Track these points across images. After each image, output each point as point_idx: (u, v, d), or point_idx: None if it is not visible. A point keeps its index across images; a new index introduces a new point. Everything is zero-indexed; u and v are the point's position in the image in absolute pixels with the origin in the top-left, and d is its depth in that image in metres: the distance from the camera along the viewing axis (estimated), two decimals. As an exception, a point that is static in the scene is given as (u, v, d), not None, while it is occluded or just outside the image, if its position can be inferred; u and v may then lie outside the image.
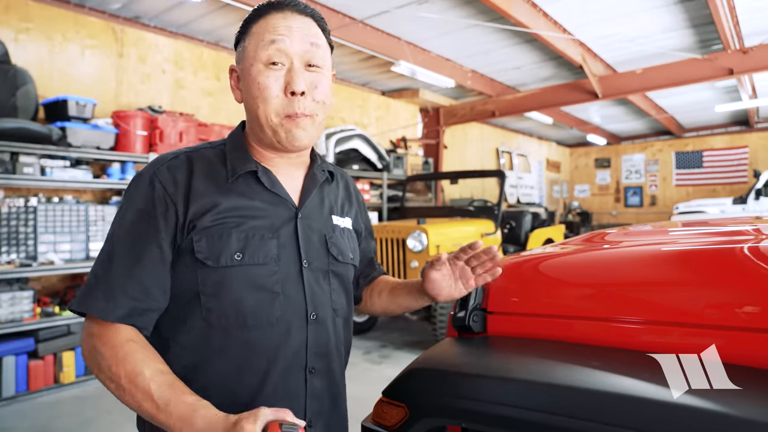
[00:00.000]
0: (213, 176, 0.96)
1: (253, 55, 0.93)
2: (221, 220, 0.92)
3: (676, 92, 8.72)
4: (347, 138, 6.58)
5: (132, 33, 5.05)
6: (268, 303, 0.92)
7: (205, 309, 0.91)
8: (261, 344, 0.91)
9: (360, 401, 1.60)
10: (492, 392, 0.87)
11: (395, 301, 1.20)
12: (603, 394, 0.77)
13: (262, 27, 0.94)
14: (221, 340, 0.91)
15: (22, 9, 4.27)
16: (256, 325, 0.91)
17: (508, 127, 11.96)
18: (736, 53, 6.17)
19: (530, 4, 5.12)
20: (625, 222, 13.81)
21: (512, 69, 7.44)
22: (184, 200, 0.91)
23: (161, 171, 0.93)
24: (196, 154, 0.98)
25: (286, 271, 0.95)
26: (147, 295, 0.88)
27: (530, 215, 6.86)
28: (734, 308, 0.89)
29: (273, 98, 0.92)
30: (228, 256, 0.90)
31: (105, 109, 4.69)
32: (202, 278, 0.90)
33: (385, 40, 5.93)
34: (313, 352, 0.96)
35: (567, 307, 1.07)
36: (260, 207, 0.96)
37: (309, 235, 1.00)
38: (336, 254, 1.03)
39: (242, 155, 0.99)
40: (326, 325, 1.00)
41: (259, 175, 0.97)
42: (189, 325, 0.92)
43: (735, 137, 12.57)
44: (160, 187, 0.91)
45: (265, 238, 0.94)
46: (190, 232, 0.91)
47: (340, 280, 1.05)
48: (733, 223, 1.55)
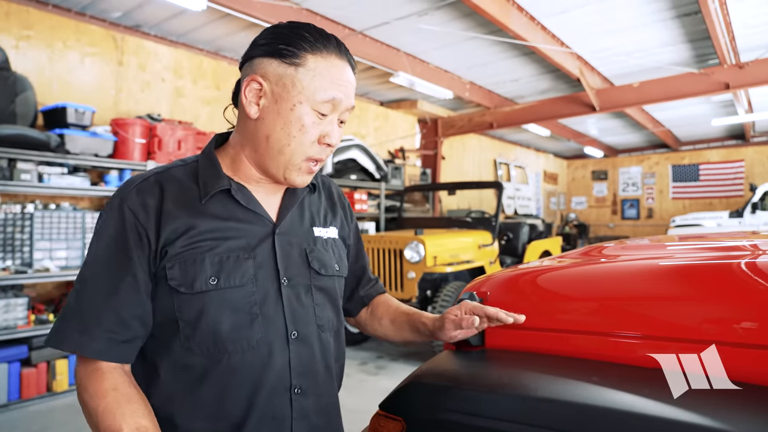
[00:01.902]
0: (185, 198, 0.92)
1: (307, 95, 0.89)
2: (194, 245, 0.89)
3: (673, 106, 8.78)
4: (345, 148, 6.59)
5: (132, 41, 5.07)
6: (246, 326, 0.90)
7: (183, 335, 0.89)
8: (243, 369, 0.89)
9: (355, 413, 1.58)
10: (490, 407, 0.86)
11: (399, 333, 1.17)
12: (601, 410, 0.76)
13: (324, 69, 0.90)
14: (203, 366, 0.89)
15: (23, 16, 4.29)
16: (236, 349, 0.89)
17: (505, 139, 12.01)
18: (732, 68, 6.23)
19: (528, 17, 5.17)
20: (622, 234, 13.84)
21: (510, 81, 7.49)
22: (156, 227, 0.89)
23: (130, 197, 0.90)
24: (166, 175, 0.94)
25: (264, 291, 0.92)
26: (125, 327, 0.86)
27: (527, 227, 6.87)
28: (732, 324, 0.89)
29: (309, 143, 0.92)
30: (202, 281, 0.88)
31: (104, 116, 4.69)
32: (178, 305, 0.88)
33: (385, 51, 5.97)
34: (297, 372, 0.94)
35: (565, 321, 1.07)
36: (235, 227, 0.93)
37: (288, 251, 0.97)
38: (318, 268, 1.01)
39: (215, 173, 0.96)
40: (310, 342, 0.97)
41: (233, 193, 0.94)
42: (171, 351, 0.90)
43: (731, 151, 12.64)
44: (130, 214, 0.88)
45: (241, 259, 0.91)
46: (163, 259, 0.88)
47: (324, 293, 1.02)
48: (730, 238, 1.56)
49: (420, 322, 1.12)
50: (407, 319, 1.15)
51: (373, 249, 5.02)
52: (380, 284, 1.28)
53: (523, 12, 5.05)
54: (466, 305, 1.04)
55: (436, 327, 1.07)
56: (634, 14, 5.17)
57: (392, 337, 1.19)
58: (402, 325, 1.16)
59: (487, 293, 1.20)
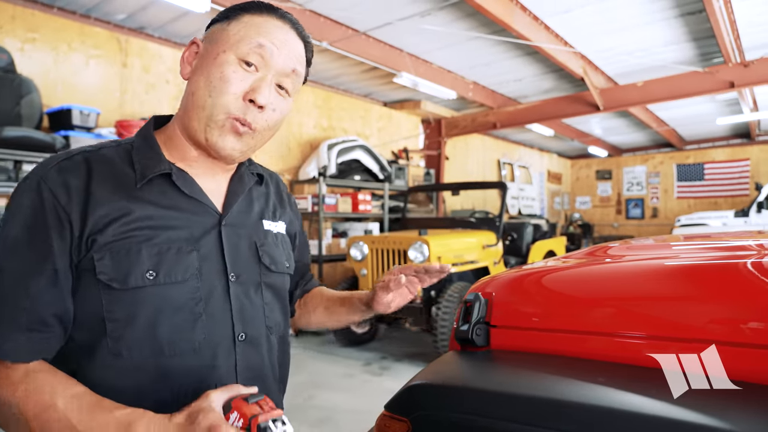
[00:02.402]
0: (117, 181, 0.81)
1: (231, 43, 0.82)
2: (128, 234, 0.78)
3: (677, 105, 8.75)
4: (349, 149, 6.60)
5: (136, 43, 5.09)
6: (188, 326, 0.80)
7: (112, 338, 0.77)
8: (181, 375, 0.79)
9: (361, 414, 1.59)
10: (495, 407, 0.86)
11: (334, 319, 1.15)
12: (608, 411, 0.76)
13: (255, 22, 0.84)
14: (133, 374, 0.78)
15: (28, 19, 4.31)
16: (175, 353, 0.79)
17: (509, 139, 12.00)
18: (737, 66, 6.20)
19: (532, 17, 5.16)
20: (627, 234, 13.80)
21: (514, 81, 7.48)
22: (81, 211, 0.77)
23: (50, 175, 0.77)
24: (95, 154, 0.83)
25: (209, 288, 0.83)
26: (42, 325, 0.74)
27: (532, 227, 6.86)
28: (738, 324, 0.88)
29: (229, 94, 0.81)
30: (138, 275, 0.77)
31: (108, 118, 4.71)
32: (108, 303, 0.77)
33: (388, 51, 5.97)
34: (244, 377, 0.86)
35: (570, 322, 1.07)
36: (176, 216, 0.83)
37: (236, 243, 0.89)
38: (268, 263, 0.93)
39: (153, 155, 0.86)
40: (259, 345, 0.89)
41: (174, 179, 0.85)
42: (95, 356, 0.78)
43: (736, 150, 12.59)
44: (49, 195, 0.76)
45: (183, 252, 0.82)
46: (90, 250, 0.77)
47: (274, 292, 0.95)
48: (736, 238, 1.55)
49: (355, 299, 1.11)
50: (341, 302, 1.13)
51: (377, 249, 5.02)
52: (315, 279, 1.25)
53: (526, 11, 5.05)
54: (393, 270, 1.05)
55: (370, 298, 1.06)
56: (638, 13, 5.16)
57: (326, 323, 1.16)
58: (335, 309, 1.14)
59: (492, 294, 1.19)
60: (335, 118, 7.40)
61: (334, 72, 6.76)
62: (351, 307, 1.11)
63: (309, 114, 6.99)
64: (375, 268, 5.02)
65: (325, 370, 4.55)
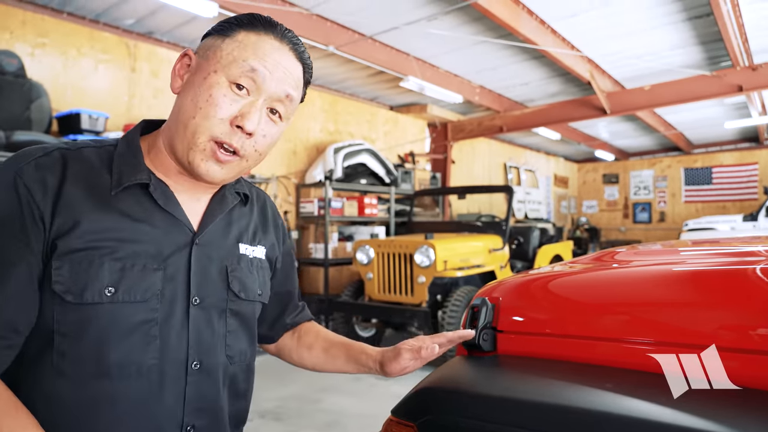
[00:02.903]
0: (91, 184, 0.77)
1: (223, 64, 0.78)
2: (92, 243, 0.73)
3: (685, 108, 8.71)
4: (355, 152, 6.61)
5: (144, 48, 5.13)
6: (139, 349, 0.75)
7: (58, 353, 0.72)
8: (126, 399, 0.75)
9: (367, 418, 1.59)
10: (503, 413, 0.86)
11: (331, 363, 1.07)
12: (616, 417, 0.76)
13: (251, 42, 0.80)
14: (73, 394, 0.73)
15: (38, 24, 4.36)
16: (121, 375, 0.74)
17: (515, 143, 11.98)
18: (745, 70, 6.17)
19: (538, 21, 5.16)
20: (634, 238, 13.72)
21: (520, 85, 7.48)
22: (51, 210, 0.72)
23: (27, 170, 0.73)
24: (74, 153, 0.79)
25: (168, 310, 0.78)
26: (14, 331, 0.71)
27: (538, 231, 6.84)
28: (748, 331, 0.88)
29: (215, 118, 0.77)
30: (95, 290, 0.72)
31: (117, 122, 4.75)
32: (59, 315, 0.72)
33: (394, 56, 5.99)
34: (193, 407, 0.81)
35: (577, 327, 1.06)
36: (146, 230, 0.78)
37: (205, 265, 0.84)
38: (238, 290, 0.88)
39: (133, 162, 0.81)
40: (215, 375, 0.84)
41: (151, 189, 0.80)
42: (35, 371, 0.73)
43: (745, 154, 12.51)
44: (25, 191, 0.72)
45: (148, 269, 0.77)
46: (50, 256, 0.72)
47: (240, 320, 0.89)
48: (745, 243, 1.54)
49: (362, 353, 1.04)
50: (343, 349, 1.06)
51: (383, 253, 5.02)
52: (307, 311, 1.17)
53: (533, 16, 5.05)
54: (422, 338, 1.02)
55: (387, 357, 1.01)
56: (645, 17, 5.15)
57: (321, 366, 1.09)
58: (336, 354, 1.06)
59: (499, 299, 1.19)
60: (341, 122, 7.42)
61: (340, 76, 6.79)
62: (355, 359, 1.04)
63: (315, 118, 7.01)
64: (381, 272, 5.02)
65: (332, 374, 4.54)
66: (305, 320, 1.15)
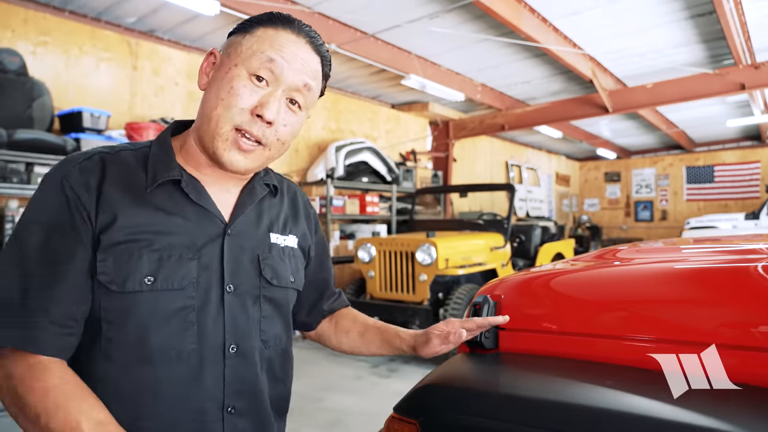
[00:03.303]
0: (128, 183, 0.83)
1: (243, 57, 0.84)
2: (131, 237, 0.80)
3: (687, 107, 8.69)
4: (357, 151, 6.61)
5: (146, 46, 5.13)
6: (178, 334, 0.81)
7: (105, 339, 0.79)
8: (167, 382, 0.80)
9: (369, 416, 1.59)
10: (505, 410, 0.86)
11: (366, 346, 1.13)
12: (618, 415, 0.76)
13: (269, 36, 0.85)
14: (121, 377, 0.79)
15: (40, 22, 4.36)
16: (163, 359, 0.80)
17: (517, 141, 11.97)
18: (748, 68, 6.16)
19: (540, 19, 5.15)
20: (636, 237, 13.71)
21: (522, 83, 7.47)
22: (95, 209, 0.80)
23: (72, 174, 0.80)
24: (112, 156, 0.85)
25: (204, 298, 0.84)
26: (74, 320, 0.77)
27: (540, 229, 6.84)
28: (749, 328, 0.88)
29: (236, 108, 0.82)
30: (136, 280, 0.79)
31: (119, 120, 4.75)
32: (105, 304, 0.79)
33: (396, 54, 5.99)
34: (232, 389, 0.85)
35: (579, 325, 1.06)
36: (180, 223, 0.84)
37: (238, 255, 0.89)
38: (270, 277, 0.92)
39: (166, 160, 0.87)
40: (252, 358, 0.88)
41: (183, 185, 0.86)
42: (88, 356, 0.80)
43: (747, 152, 12.48)
44: (72, 193, 0.79)
45: (183, 259, 0.82)
46: (96, 250, 0.79)
47: (274, 306, 0.94)
48: (747, 241, 1.54)
49: (396, 337, 1.10)
50: (379, 333, 1.12)
51: (384, 251, 5.02)
52: (344, 298, 1.22)
53: (534, 13, 5.04)
54: (452, 321, 1.05)
55: (419, 342, 1.06)
56: (647, 15, 5.14)
57: (357, 350, 1.15)
58: (372, 338, 1.12)
59: (501, 296, 1.20)
60: (343, 120, 7.42)
61: (342, 74, 6.78)
62: (389, 343, 1.10)
63: (317, 116, 7.01)
64: (382, 270, 5.02)
65: (334, 373, 4.55)
66: (342, 306, 1.20)
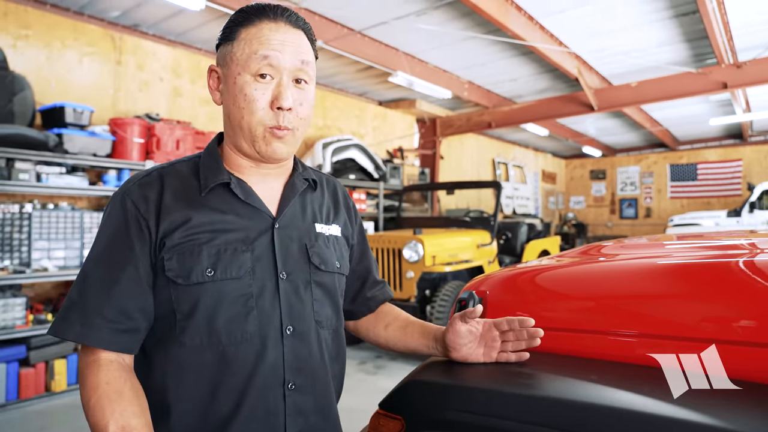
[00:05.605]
0: (185, 191, 0.94)
1: (241, 64, 0.92)
2: (191, 236, 0.90)
3: (671, 105, 8.79)
4: (344, 148, 6.59)
5: (130, 41, 5.06)
6: (241, 318, 0.90)
7: (179, 328, 0.89)
8: (236, 361, 0.90)
9: (355, 412, 1.59)
10: (489, 405, 0.87)
11: (404, 340, 1.15)
12: (600, 408, 0.77)
13: (253, 35, 0.92)
14: (196, 360, 0.89)
15: (21, 16, 4.28)
16: (230, 341, 0.89)
17: (504, 139, 12.02)
18: (730, 67, 6.24)
19: (527, 17, 5.17)
20: (621, 234, 13.85)
21: (509, 81, 7.49)
22: (156, 218, 0.91)
23: (132, 190, 0.93)
24: (169, 170, 0.97)
25: (261, 285, 0.93)
26: (126, 317, 0.88)
27: (526, 226, 6.88)
28: (731, 322, 0.89)
29: (259, 110, 0.92)
30: (199, 272, 0.89)
31: (102, 116, 4.68)
32: (176, 297, 0.90)
33: (383, 51, 5.97)
34: (291, 367, 0.93)
35: (564, 320, 1.07)
36: (233, 220, 0.94)
37: (287, 245, 0.98)
38: (318, 263, 1.01)
39: (215, 167, 0.98)
40: (308, 338, 0.96)
41: (232, 187, 0.96)
42: (165, 344, 0.91)
43: (729, 150, 12.67)
44: (132, 206, 0.91)
45: (239, 252, 0.92)
46: (161, 251, 0.90)
47: (324, 290, 1.02)
48: (728, 237, 1.56)
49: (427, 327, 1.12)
50: (418, 327, 1.14)
51: (372, 248, 5.02)
52: (388, 289, 1.26)
53: (521, 11, 5.06)
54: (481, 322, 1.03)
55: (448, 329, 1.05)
56: (632, 14, 5.18)
57: (393, 343, 1.17)
58: (411, 332, 1.14)
59: (486, 292, 1.20)
60: (330, 117, 7.39)
61: (329, 71, 6.75)
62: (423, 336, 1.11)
63: (304, 113, 6.96)
64: (370, 267, 5.01)
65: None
66: (386, 297, 1.24)
